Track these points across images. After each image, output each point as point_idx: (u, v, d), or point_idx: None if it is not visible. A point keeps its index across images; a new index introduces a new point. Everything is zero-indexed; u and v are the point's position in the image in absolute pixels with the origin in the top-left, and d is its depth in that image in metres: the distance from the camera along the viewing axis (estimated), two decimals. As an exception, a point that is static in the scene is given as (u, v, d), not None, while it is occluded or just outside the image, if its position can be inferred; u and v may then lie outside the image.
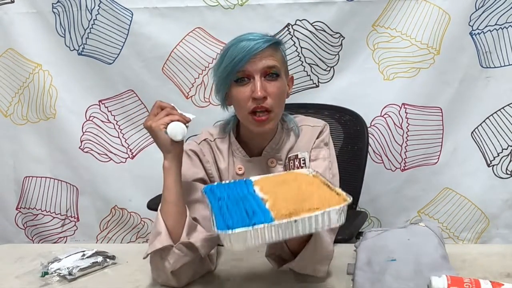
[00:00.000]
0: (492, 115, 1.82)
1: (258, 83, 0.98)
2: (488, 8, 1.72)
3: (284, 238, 0.72)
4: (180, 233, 0.93)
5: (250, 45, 0.97)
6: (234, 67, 0.98)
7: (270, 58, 1.00)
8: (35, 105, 1.94)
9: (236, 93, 1.01)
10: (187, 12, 1.80)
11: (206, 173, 1.10)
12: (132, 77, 1.88)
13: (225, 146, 1.12)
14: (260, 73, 0.99)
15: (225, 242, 0.70)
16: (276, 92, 1.00)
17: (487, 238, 1.91)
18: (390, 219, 1.92)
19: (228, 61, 0.99)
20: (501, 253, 1.03)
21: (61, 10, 1.85)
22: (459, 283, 0.80)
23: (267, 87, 0.99)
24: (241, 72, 0.99)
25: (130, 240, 2.04)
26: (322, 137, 1.12)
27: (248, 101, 0.99)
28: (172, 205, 0.95)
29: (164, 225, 0.93)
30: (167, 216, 0.94)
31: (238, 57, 0.97)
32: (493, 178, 1.86)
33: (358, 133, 1.54)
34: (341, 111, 1.59)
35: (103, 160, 1.97)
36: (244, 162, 1.10)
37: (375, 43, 1.79)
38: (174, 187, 0.95)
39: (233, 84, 1.01)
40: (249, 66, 0.98)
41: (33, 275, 1.01)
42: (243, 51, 0.97)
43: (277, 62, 1.01)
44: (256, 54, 0.97)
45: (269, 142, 1.10)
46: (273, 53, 1.01)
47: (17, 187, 2.03)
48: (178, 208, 0.95)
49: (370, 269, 0.91)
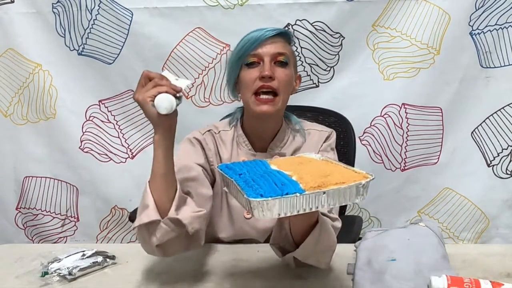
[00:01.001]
0: (492, 115, 1.82)
1: (267, 63, 1.03)
2: (488, 8, 1.72)
3: (312, 209, 0.73)
4: (168, 208, 0.91)
5: (262, 32, 1.04)
6: (246, 50, 1.04)
7: (281, 46, 1.06)
8: (35, 105, 1.94)
9: (245, 74, 1.06)
10: (187, 12, 1.80)
11: (207, 160, 1.12)
12: (132, 77, 1.88)
13: (229, 137, 1.15)
14: (270, 57, 1.04)
15: (257, 210, 0.70)
16: (283, 77, 1.05)
17: (487, 238, 1.92)
18: (390, 219, 1.92)
19: (240, 46, 1.05)
20: (501, 253, 1.03)
21: (61, 10, 1.85)
22: (459, 283, 0.80)
23: (276, 70, 1.04)
24: (251, 55, 1.04)
25: (130, 240, 2.04)
26: (329, 142, 1.16)
27: (255, 80, 1.04)
28: (161, 178, 0.92)
29: (152, 198, 0.91)
30: (155, 189, 0.92)
31: (251, 41, 1.04)
32: (493, 178, 1.86)
33: (344, 135, 1.47)
34: (325, 113, 1.53)
35: (103, 160, 1.97)
36: (249, 155, 1.13)
37: (375, 43, 1.79)
38: (164, 160, 0.93)
39: (244, 67, 1.06)
40: (260, 50, 1.04)
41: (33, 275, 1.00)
42: (256, 36, 1.04)
43: (287, 51, 1.07)
44: (268, 38, 1.04)
45: (272, 139, 1.13)
46: (284, 44, 1.08)
47: (17, 187, 2.03)
48: (167, 182, 0.93)
49: (370, 269, 0.91)
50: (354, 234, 1.34)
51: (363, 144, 1.86)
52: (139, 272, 1.02)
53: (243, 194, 0.72)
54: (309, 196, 0.72)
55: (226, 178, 0.83)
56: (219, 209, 1.14)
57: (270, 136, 1.13)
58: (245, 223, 1.13)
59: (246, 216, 1.12)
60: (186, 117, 1.85)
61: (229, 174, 0.83)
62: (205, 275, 1.00)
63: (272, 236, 0.97)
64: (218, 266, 1.03)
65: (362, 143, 1.85)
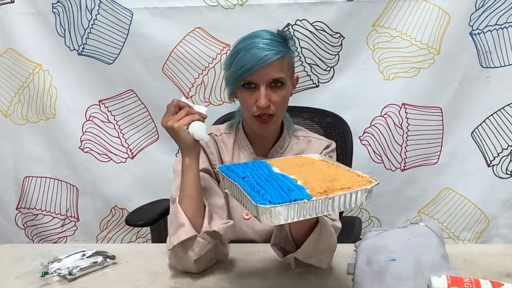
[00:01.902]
0: (492, 115, 1.82)
1: (263, 93, 1.03)
2: (488, 8, 1.72)
3: (318, 214, 0.74)
4: (200, 223, 0.96)
5: (260, 56, 1.00)
6: (241, 75, 1.03)
7: (277, 70, 1.03)
8: (35, 105, 1.94)
9: (242, 96, 1.07)
10: (187, 12, 1.80)
11: (210, 163, 1.14)
12: (132, 77, 1.88)
13: (231, 140, 1.17)
14: (266, 84, 1.03)
15: (264, 216, 0.71)
16: (280, 100, 1.06)
17: (487, 238, 1.92)
18: (390, 219, 1.92)
19: (237, 67, 1.03)
20: (501, 253, 1.03)
21: (61, 10, 1.85)
22: (459, 283, 0.80)
23: (271, 95, 1.04)
24: (247, 81, 1.04)
25: (130, 240, 2.04)
26: (329, 150, 1.18)
27: (253, 106, 1.05)
28: (192, 199, 0.98)
29: (185, 217, 0.96)
30: (188, 209, 0.97)
31: (246, 66, 1.01)
32: (493, 178, 1.86)
33: (341, 136, 1.47)
34: (322, 114, 1.53)
35: (103, 160, 1.97)
36: (251, 159, 1.14)
37: (375, 43, 1.79)
38: (194, 183, 0.98)
39: (240, 87, 1.06)
40: (256, 77, 1.02)
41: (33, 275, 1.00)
42: (251, 61, 1.01)
43: (283, 73, 1.05)
44: (264, 66, 1.01)
45: (273, 145, 1.16)
46: (281, 63, 1.04)
47: (17, 187, 2.03)
48: (198, 201, 0.98)
49: (370, 269, 0.91)
50: (354, 235, 1.35)
51: (363, 144, 1.86)
52: (139, 272, 1.02)
53: (250, 200, 0.73)
54: (316, 202, 0.73)
55: (229, 181, 0.83)
56: None
57: (271, 139, 1.16)
58: (244, 224, 1.14)
59: (245, 217, 1.14)
60: (186, 117, 1.86)
61: (232, 177, 0.83)
62: (205, 275, 1.00)
63: (273, 236, 0.98)
64: (217, 266, 1.03)
65: (362, 143, 1.86)
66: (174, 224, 0.98)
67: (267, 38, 1.03)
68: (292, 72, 1.11)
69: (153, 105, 1.91)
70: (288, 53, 1.07)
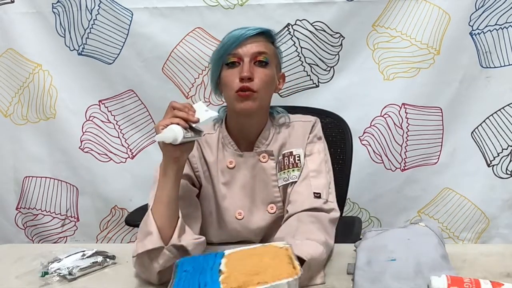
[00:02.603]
0: (492, 115, 1.82)
1: (246, 64, 1.03)
2: (488, 8, 1.72)
3: None
4: (170, 234, 0.92)
5: (243, 31, 1.04)
6: (226, 50, 1.04)
7: (262, 45, 1.05)
8: (35, 105, 1.94)
9: (225, 74, 1.05)
10: (187, 12, 1.80)
11: (191, 167, 1.11)
12: (132, 77, 1.88)
13: (214, 140, 1.14)
14: (250, 57, 1.03)
15: None
16: (263, 77, 1.04)
17: (487, 238, 1.91)
18: (390, 219, 1.92)
19: (221, 45, 1.05)
20: (501, 253, 1.03)
21: (61, 10, 1.85)
22: (459, 283, 0.80)
23: (255, 70, 1.04)
24: (231, 54, 1.04)
25: (130, 240, 2.04)
26: (315, 131, 1.14)
27: (235, 80, 1.03)
28: (165, 206, 0.94)
29: (155, 225, 0.92)
30: (159, 216, 0.93)
31: (231, 40, 1.03)
32: (493, 178, 1.86)
33: (341, 136, 1.45)
34: (322, 114, 1.48)
35: (103, 160, 1.97)
36: (236, 156, 1.11)
37: (375, 43, 1.79)
38: (168, 189, 0.94)
39: (224, 67, 1.06)
40: (240, 49, 1.03)
41: (33, 275, 1.00)
42: (235, 36, 1.04)
43: (268, 51, 1.06)
44: (248, 38, 1.03)
45: (258, 136, 1.11)
46: (265, 43, 1.06)
47: (17, 187, 2.03)
48: (170, 210, 0.94)
49: (370, 269, 0.91)
50: (354, 235, 1.34)
51: (363, 144, 1.86)
52: (139, 272, 1.01)
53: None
54: None
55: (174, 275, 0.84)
56: (208, 212, 1.13)
57: (255, 134, 1.11)
58: (238, 224, 1.11)
59: (238, 217, 1.11)
60: (186, 117, 1.86)
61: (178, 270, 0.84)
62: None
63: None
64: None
65: (362, 143, 1.85)
66: (143, 231, 0.94)
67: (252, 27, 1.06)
68: (278, 65, 1.11)
69: (153, 105, 1.91)
70: (272, 41, 1.09)
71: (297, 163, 1.09)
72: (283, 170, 1.11)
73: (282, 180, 1.10)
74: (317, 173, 1.09)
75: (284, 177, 1.10)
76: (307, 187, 1.06)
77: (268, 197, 1.11)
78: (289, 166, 1.10)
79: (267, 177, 1.11)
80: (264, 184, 1.11)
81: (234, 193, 1.11)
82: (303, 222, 1.00)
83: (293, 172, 1.09)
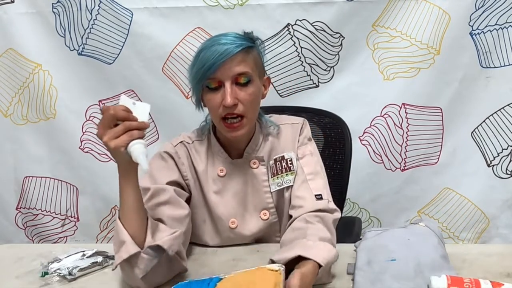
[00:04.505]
0: (492, 115, 1.82)
1: (228, 90, 0.97)
2: (488, 8, 1.72)
3: None
4: (143, 238, 0.91)
5: (221, 51, 0.95)
6: (204, 74, 0.97)
7: (241, 64, 0.98)
8: (35, 105, 1.94)
9: (207, 99, 1.01)
10: (187, 12, 1.80)
11: (181, 175, 1.09)
12: (132, 77, 1.88)
13: (203, 148, 1.11)
14: (230, 80, 0.98)
15: None
16: (248, 98, 1.00)
17: (487, 238, 1.91)
18: (390, 219, 1.92)
19: (199, 66, 0.98)
20: (501, 253, 1.03)
21: (61, 10, 1.85)
22: (459, 283, 0.80)
23: (238, 93, 0.99)
24: (211, 79, 0.98)
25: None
26: (304, 133, 1.13)
27: (219, 107, 0.99)
28: (132, 212, 0.91)
29: (126, 233, 0.90)
30: (128, 223, 0.91)
31: (208, 63, 0.96)
32: (493, 178, 1.86)
33: (340, 136, 1.44)
34: (320, 114, 1.50)
35: (103, 160, 1.97)
36: (227, 164, 1.10)
37: (375, 43, 1.79)
38: (133, 196, 0.91)
39: (205, 89, 1.00)
40: (219, 73, 0.97)
41: (33, 275, 1.01)
42: (213, 57, 0.95)
43: (249, 68, 0.99)
44: (226, 60, 0.96)
45: (247, 143, 1.10)
46: (245, 57, 0.99)
47: (17, 187, 2.03)
48: (139, 214, 0.92)
49: (370, 269, 0.91)
50: (354, 235, 1.35)
51: (363, 144, 1.86)
52: (139, 272, 1.01)
53: None
54: None
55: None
56: (202, 221, 1.12)
57: (245, 142, 1.10)
58: (231, 233, 1.11)
59: (231, 226, 1.10)
60: (186, 117, 1.87)
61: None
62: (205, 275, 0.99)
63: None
64: (217, 266, 1.03)
65: (362, 143, 1.86)
66: (116, 242, 0.92)
67: (231, 36, 0.99)
68: (261, 71, 1.06)
69: (153, 105, 1.89)
70: (253, 48, 1.02)
71: (289, 167, 1.09)
72: (276, 175, 1.10)
73: (275, 186, 1.10)
74: (314, 175, 1.08)
75: (277, 182, 1.10)
76: (307, 191, 1.06)
77: (261, 203, 1.10)
78: (282, 170, 1.09)
79: (258, 183, 1.10)
80: (256, 190, 1.10)
81: (227, 202, 1.10)
82: (311, 222, 0.99)
83: (286, 177, 1.09)
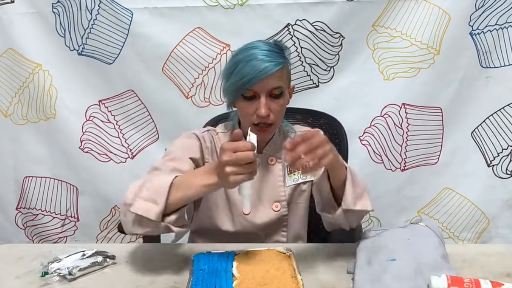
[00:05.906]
0: (492, 115, 1.82)
1: (263, 102, 1.06)
2: (488, 8, 1.72)
3: None
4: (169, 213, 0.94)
5: (260, 68, 1.03)
6: (242, 86, 1.05)
7: (277, 79, 1.06)
8: (35, 105, 1.94)
9: (242, 106, 1.10)
10: (187, 12, 1.80)
11: (202, 156, 1.16)
12: (132, 77, 1.88)
13: (227, 139, 1.18)
14: (266, 93, 1.06)
15: None
16: (279, 109, 1.10)
17: (487, 238, 1.92)
18: (390, 219, 1.92)
19: (236, 78, 1.06)
20: (501, 253, 1.03)
21: (61, 10, 1.85)
22: (459, 283, 0.80)
23: (271, 105, 1.08)
24: (248, 90, 1.06)
25: (130, 240, 2.04)
26: None
27: (252, 115, 1.08)
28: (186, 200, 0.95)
29: (164, 201, 0.92)
30: (173, 199, 0.93)
31: (247, 78, 1.04)
32: (493, 178, 1.86)
33: (335, 138, 1.42)
34: (316, 115, 1.48)
35: (103, 160, 1.97)
36: None
37: (375, 43, 1.79)
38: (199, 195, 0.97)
39: (240, 97, 1.09)
40: (257, 87, 1.05)
41: (33, 275, 1.00)
42: (252, 73, 1.03)
43: (282, 82, 1.08)
44: (265, 77, 1.03)
45: (267, 142, 1.19)
46: (281, 73, 1.07)
47: (17, 187, 2.03)
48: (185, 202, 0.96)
49: (370, 269, 0.91)
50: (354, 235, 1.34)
51: (363, 144, 1.86)
52: (139, 272, 1.02)
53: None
54: None
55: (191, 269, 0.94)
56: (217, 204, 1.18)
57: (265, 141, 1.19)
58: (243, 219, 1.16)
59: (244, 212, 1.16)
60: (186, 117, 1.87)
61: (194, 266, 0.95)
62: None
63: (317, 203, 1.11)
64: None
65: (362, 143, 1.86)
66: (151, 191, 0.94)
67: (265, 49, 1.05)
68: (289, 82, 1.15)
69: (153, 105, 1.91)
70: (286, 63, 1.10)
71: None
72: (293, 172, 1.19)
73: (291, 181, 1.19)
74: None
75: (294, 178, 1.20)
76: None
77: (274, 196, 1.18)
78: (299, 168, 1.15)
79: (274, 178, 1.19)
80: (271, 184, 1.19)
81: None
82: None
83: None
